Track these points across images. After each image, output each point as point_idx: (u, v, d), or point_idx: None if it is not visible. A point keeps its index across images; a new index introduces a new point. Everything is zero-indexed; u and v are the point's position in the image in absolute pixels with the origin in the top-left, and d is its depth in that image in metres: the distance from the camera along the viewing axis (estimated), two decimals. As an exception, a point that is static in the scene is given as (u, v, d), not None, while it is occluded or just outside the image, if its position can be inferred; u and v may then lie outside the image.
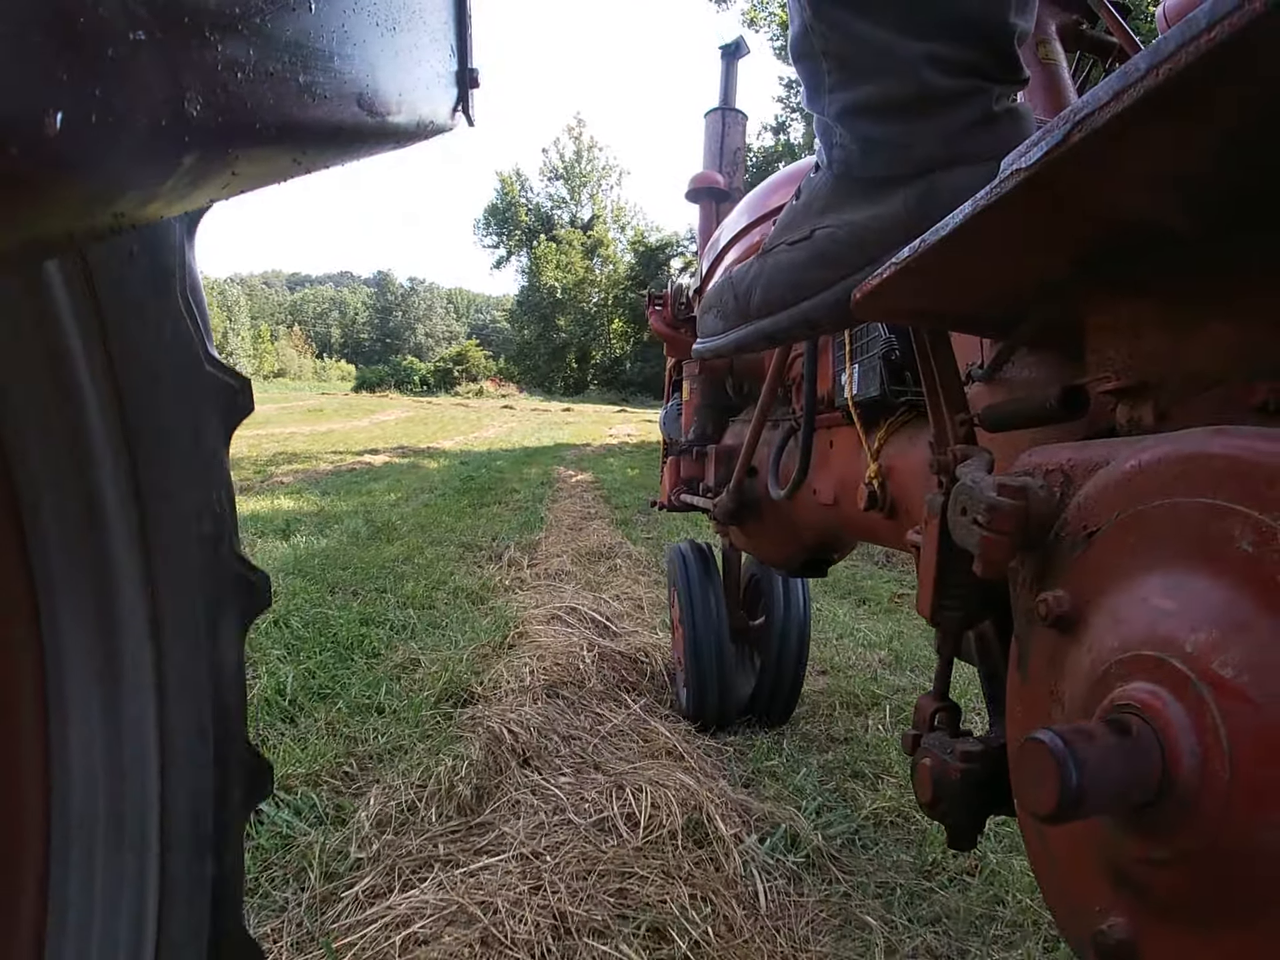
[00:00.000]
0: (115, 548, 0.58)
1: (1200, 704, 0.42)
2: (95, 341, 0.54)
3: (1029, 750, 0.44)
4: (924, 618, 0.79)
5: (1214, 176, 0.48)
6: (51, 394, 0.54)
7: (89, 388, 0.54)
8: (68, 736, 0.58)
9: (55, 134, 0.24)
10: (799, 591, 2.50)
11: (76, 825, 0.59)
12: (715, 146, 2.60)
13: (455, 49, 0.64)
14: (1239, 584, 0.43)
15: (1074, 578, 0.56)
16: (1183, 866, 0.43)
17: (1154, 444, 0.51)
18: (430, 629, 3.37)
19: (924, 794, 0.75)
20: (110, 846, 0.60)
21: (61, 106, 0.24)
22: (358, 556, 4.65)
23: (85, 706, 0.59)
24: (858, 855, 1.83)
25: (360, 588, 3.96)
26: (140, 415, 0.57)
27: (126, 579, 0.59)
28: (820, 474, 1.60)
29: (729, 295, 1.05)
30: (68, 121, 0.24)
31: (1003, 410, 0.79)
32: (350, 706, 2.42)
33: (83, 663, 0.58)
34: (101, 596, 0.58)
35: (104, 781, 0.59)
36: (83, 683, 0.58)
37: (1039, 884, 0.60)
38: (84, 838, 0.59)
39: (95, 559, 0.57)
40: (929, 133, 0.81)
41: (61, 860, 0.58)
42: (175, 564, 0.61)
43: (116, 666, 0.59)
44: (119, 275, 0.55)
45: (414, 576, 4.23)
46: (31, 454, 0.54)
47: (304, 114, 0.41)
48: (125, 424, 0.56)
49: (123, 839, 0.60)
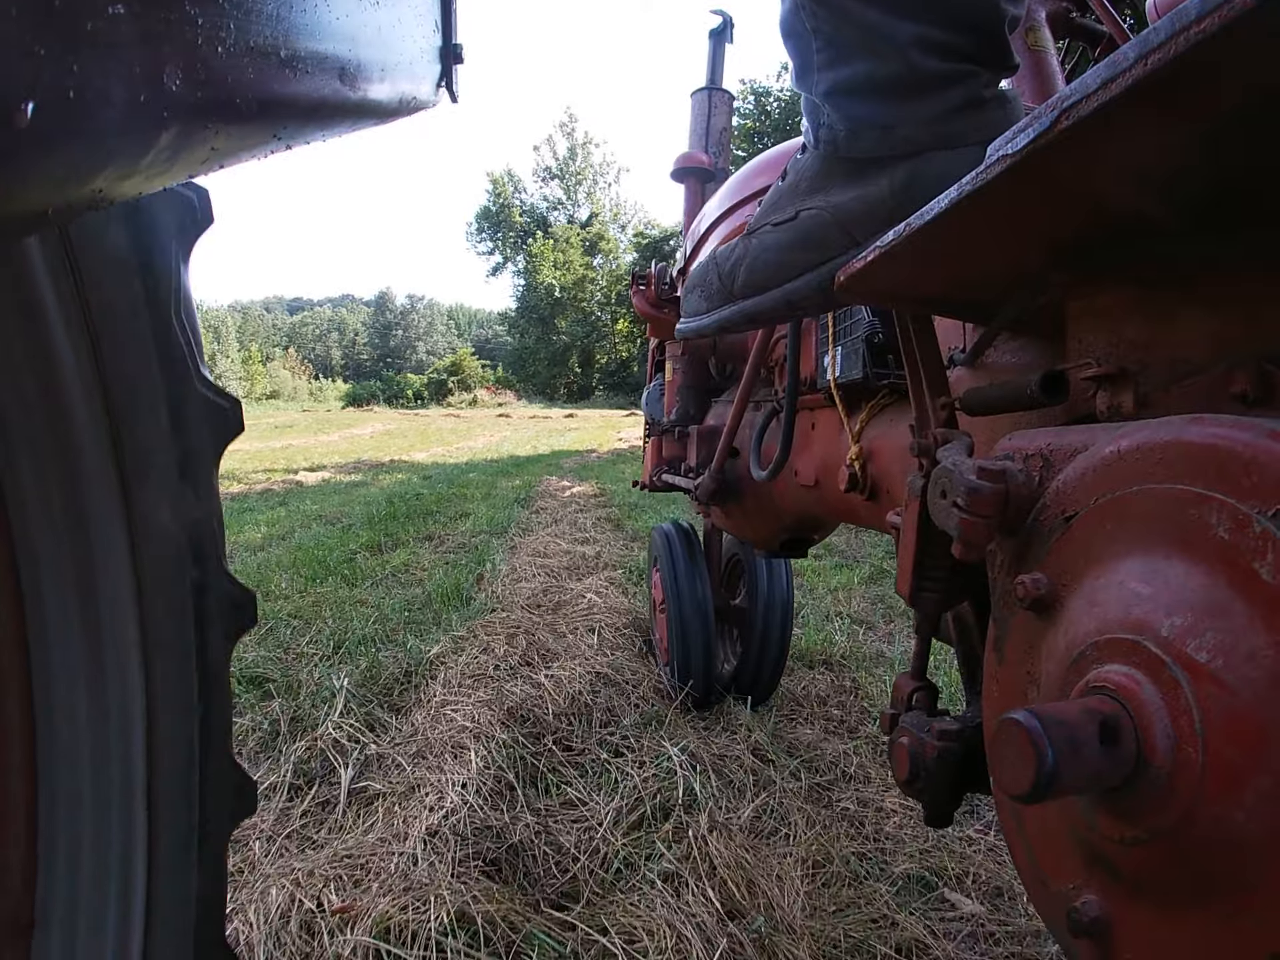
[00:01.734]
0: (104, 563, 0.58)
1: (1174, 687, 0.43)
2: (87, 359, 0.54)
3: (1005, 730, 0.44)
4: (903, 598, 0.80)
5: (1198, 168, 0.48)
6: (41, 411, 0.54)
7: (81, 405, 0.55)
8: (53, 754, 0.58)
9: (25, 126, 0.24)
10: (782, 570, 2.51)
11: (62, 837, 0.59)
12: (701, 126, 2.58)
13: (439, 24, 0.63)
14: (1214, 570, 0.43)
15: (1052, 561, 0.56)
16: (1155, 846, 0.44)
17: (1133, 430, 0.52)
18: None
19: (901, 772, 0.77)
20: (94, 861, 0.60)
21: (34, 93, 0.23)
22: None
23: (72, 720, 0.58)
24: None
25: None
26: (130, 432, 0.57)
27: (115, 594, 0.59)
28: (802, 455, 1.61)
29: (713, 275, 1.05)
30: (43, 101, 0.24)
31: (984, 394, 0.80)
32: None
33: (70, 675, 0.58)
34: (89, 611, 0.58)
35: (89, 794, 0.59)
36: (70, 695, 0.58)
37: (1014, 861, 0.61)
38: (68, 851, 0.59)
39: (84, 575, 0.57)
40: (916, 115, 0.81)
41: (48, 869, 0.58)
42: (163, 580, 0.61)
43: (103, 678, 0.59)
44: (112, 297, 0.55)
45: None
46: (21, 471, 0.54)
47: (284, 89, 0.40)
48: (116, 440, 0.57)
49: (108, 853, 0.60)
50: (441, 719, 2.13)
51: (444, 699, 2.26)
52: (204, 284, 28.62)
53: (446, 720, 2.11)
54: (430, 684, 2.44)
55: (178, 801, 0.63)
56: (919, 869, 1.63)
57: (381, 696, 2.40)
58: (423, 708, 2.26)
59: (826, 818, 1.83)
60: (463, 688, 2.34)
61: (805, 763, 2.09)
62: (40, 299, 0.51)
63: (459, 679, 2.41)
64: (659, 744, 2.01)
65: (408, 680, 2.52)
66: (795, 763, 2.08)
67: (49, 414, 0.54)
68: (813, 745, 2.21)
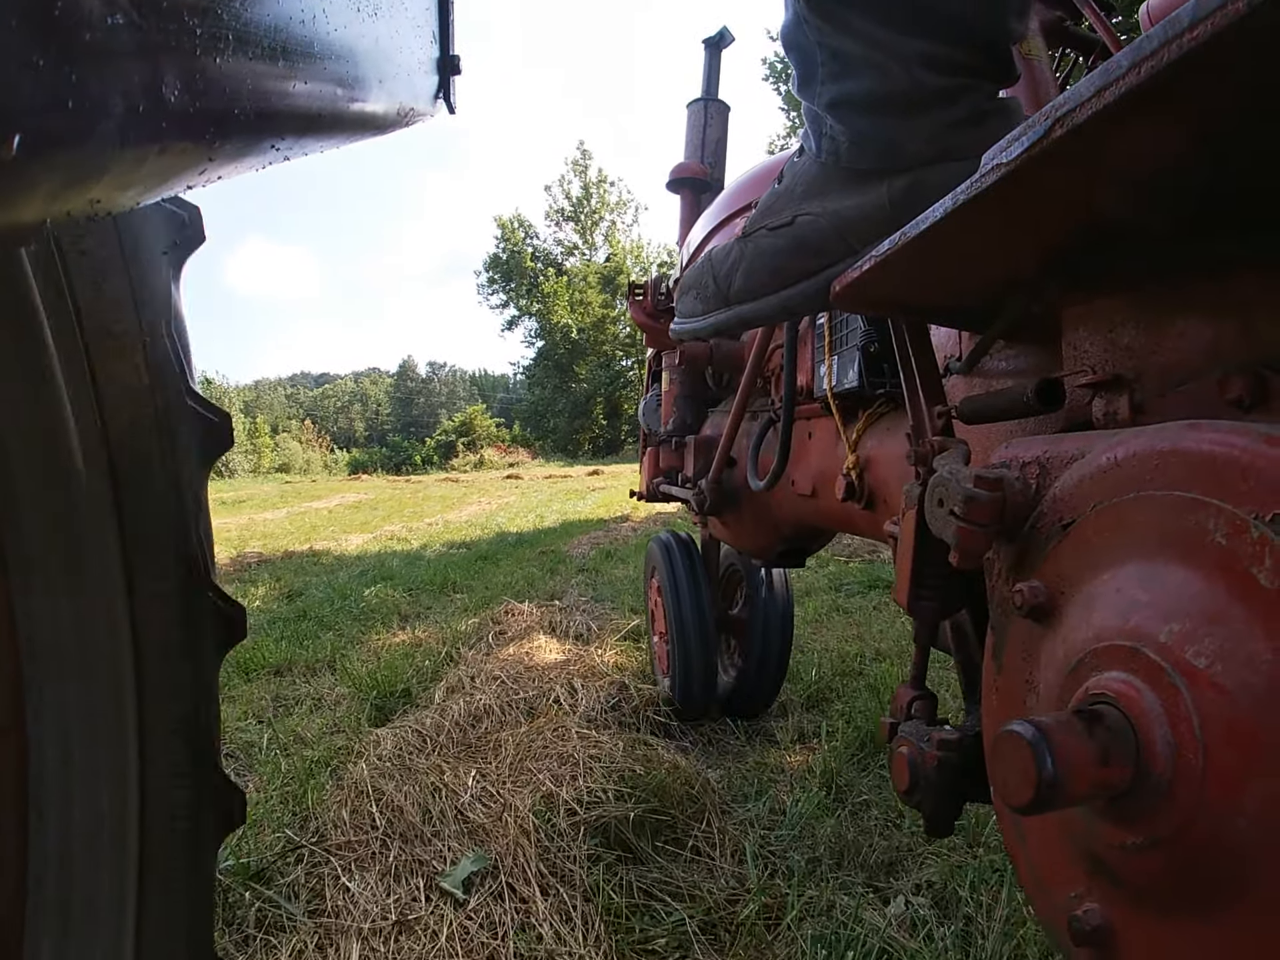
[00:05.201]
0: (96, 574, 0.58)
1: (1174, 694, 0.43)
2: (82, 376, 0.55)
3: (1005, 742, 0.44)
4: (901, 607, 0.80)
5: (1192, 174, 0.48)
6: (36, 424, 0.54)
7: (71, 422, 0.55)
8: (44, 770, 0.58)
9: (11, 158, 0.24)
10: (781, 578, 2.51)
11: (53, 852, 0.58)
12: (697, 137, 2.60)
13: (437, 35, 0.63)
14: (1212, 576, 0.43)
15: (1049, 569, 0.56)
16: (1157, 853, 0.44)
17: (1130, 437, 0.52)
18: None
19: (901, 782, 0.76)
20: (87, 867, 0.60)
21: (22, 124, 0.24)
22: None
23: (63, 741, 0.58)
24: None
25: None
26: (122, 446, 0.58)
27: (106, 604, 0.59)
28: (799, 465, 1.61)
29: (709, 278, 1.05)
30: (40, 113, 0.24)
31: (980, 403, 0.80)
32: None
33: (60, 687, 0.58)
34: (80, 621, 0.58)
35: (79, 810, 0.59)
36: (60, 713, 0.58)
37: (1015, 869, 0.61)
38: (59, 863, 0.59)
39: (75, 588, 0.57)
40: (919, 129, 0.81)
41: (38, 884, 0.58)
42: (154, 593, 0.61)
43: (95, 695, 0.59)
44: (105, 314, 0.56)
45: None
46: (16, 487, 0.54)
47: (282, 100, 0.40)
48: (108, 453, 0.57)
49: (98, 861, 0.60)
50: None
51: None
52: (225, 363, 27.48)
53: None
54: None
55: (166, 814, 0.63)
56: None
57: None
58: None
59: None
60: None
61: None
62: (34, 311, 0.52)
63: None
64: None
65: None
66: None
67: (43, 427, 0.54)
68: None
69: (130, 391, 0.58)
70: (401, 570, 5.93)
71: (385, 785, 1.91)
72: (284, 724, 2.61)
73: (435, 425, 63.28)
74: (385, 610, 4.45)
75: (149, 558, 0.60)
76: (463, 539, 8.11)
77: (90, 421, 0.56)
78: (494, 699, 2.48)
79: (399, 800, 1.83)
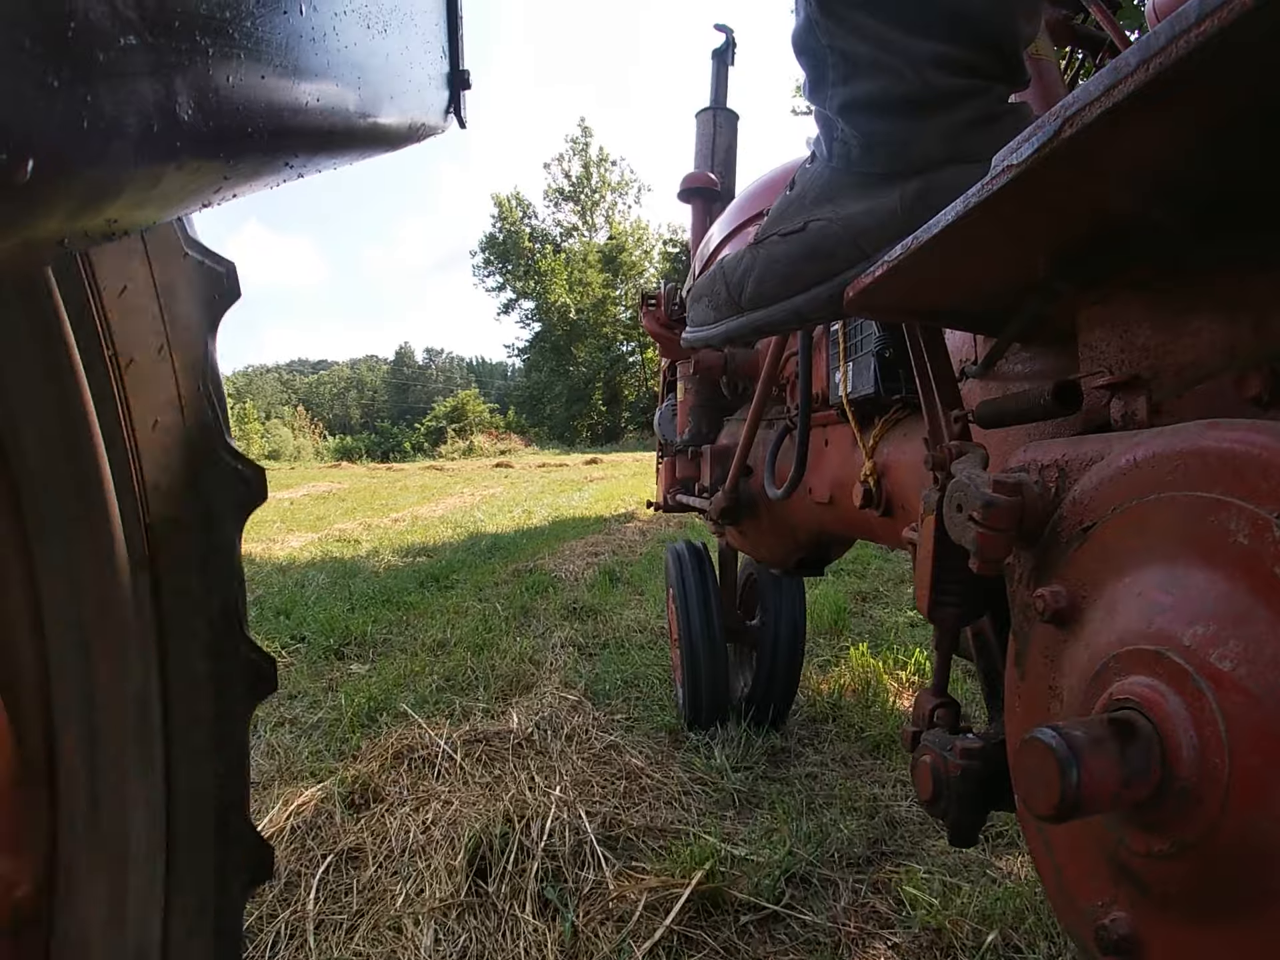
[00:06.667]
0: (130, 628, 0.59)
1: (1199, 698, 0.42)
2: (117, 427, 0.56)
3: (1029, 749, 0.44)
4: (921, 614, 0.79)
5: (1205, 171, 0.48)
6: (73, 480, 0.55)
7: (110, 475, 0.56)
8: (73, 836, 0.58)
9: (26, 181, 0.24)
10: (795, 591, 2.49)
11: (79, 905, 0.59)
12: (706, 146, 2.61)
13: (447, 50, 0.64)
14: (1235, 577, 0.43)
15: (1071, 573, 0.56)
16: (1183, 860, 0.43)
17: (1149, 438, 0.51)
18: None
19: (924, 791, 0.75)
20: (111, 922, 0.60)
21: (37, 148, 0.24)
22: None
23: (90, 792, 0.59)
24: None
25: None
26: (159, 501, 0.59)
27: (140, 657, 0.59)
28: (816, 472, 1.60)
29: (720, 285, 1.05)
30: (56, 133, 0.24)
31: (997, 406, 0.79)
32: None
33: (88, 714, 0.58)
34: (115, 674, 0.59)
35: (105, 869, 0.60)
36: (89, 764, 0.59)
37: (1040, 878, 0.60)
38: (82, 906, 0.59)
39: (111, 641, 0.58)
40: (931, 131, 0.81)
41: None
42: (188, 646, 0.62)
43: (124, 744, 0.60)
44: (151, 370, 0.58)
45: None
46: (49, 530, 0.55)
47: (295, 118, 0.40)
48: (145, 506, 0.58)
49: (124, 917, 0.60)
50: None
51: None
52: (221, 350, 27.73)
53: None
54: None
55: (194, 868, 0.64)
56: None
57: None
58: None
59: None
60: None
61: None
62: (73, 370, 0.53)
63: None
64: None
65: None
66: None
67: (77, 476, 0.55)
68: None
69: (168, 447, 0.59)
70: (293, 602, 4.20)
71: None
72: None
73: (430, 412, 62.43)
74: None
75: (184, 613, 0.61)
76: (425, 542, 6.76)
77: (126, 475, 0.57)
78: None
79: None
